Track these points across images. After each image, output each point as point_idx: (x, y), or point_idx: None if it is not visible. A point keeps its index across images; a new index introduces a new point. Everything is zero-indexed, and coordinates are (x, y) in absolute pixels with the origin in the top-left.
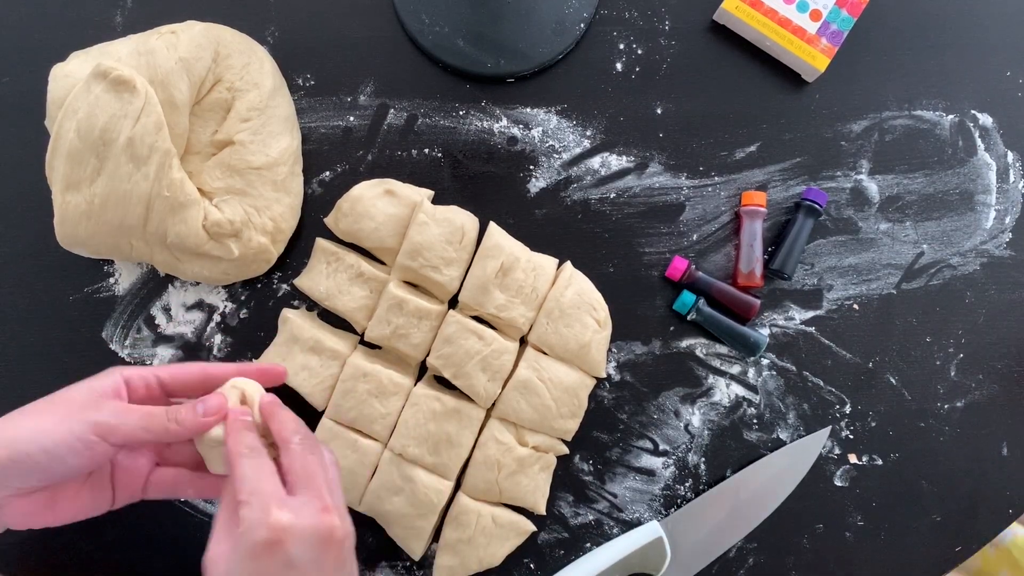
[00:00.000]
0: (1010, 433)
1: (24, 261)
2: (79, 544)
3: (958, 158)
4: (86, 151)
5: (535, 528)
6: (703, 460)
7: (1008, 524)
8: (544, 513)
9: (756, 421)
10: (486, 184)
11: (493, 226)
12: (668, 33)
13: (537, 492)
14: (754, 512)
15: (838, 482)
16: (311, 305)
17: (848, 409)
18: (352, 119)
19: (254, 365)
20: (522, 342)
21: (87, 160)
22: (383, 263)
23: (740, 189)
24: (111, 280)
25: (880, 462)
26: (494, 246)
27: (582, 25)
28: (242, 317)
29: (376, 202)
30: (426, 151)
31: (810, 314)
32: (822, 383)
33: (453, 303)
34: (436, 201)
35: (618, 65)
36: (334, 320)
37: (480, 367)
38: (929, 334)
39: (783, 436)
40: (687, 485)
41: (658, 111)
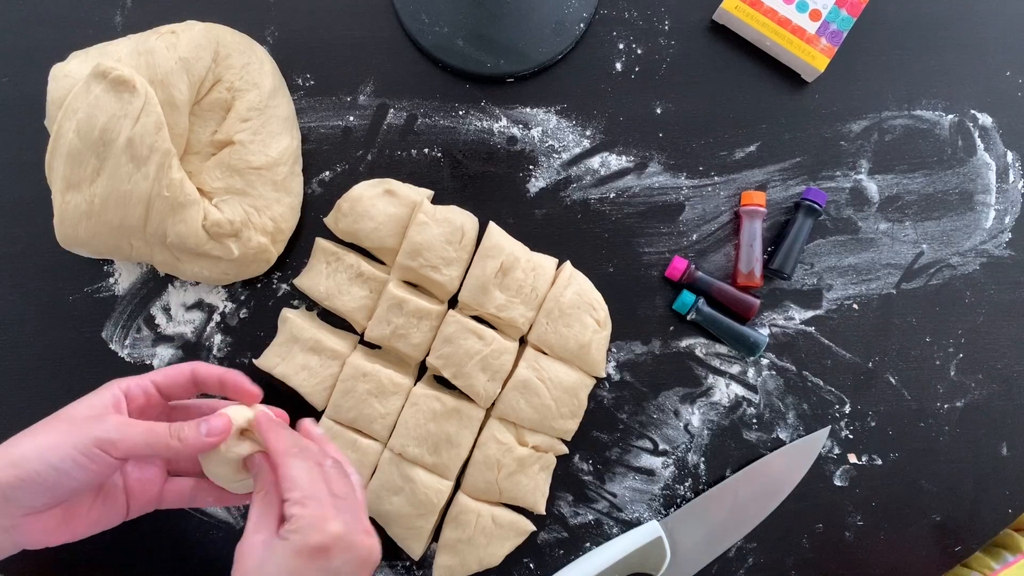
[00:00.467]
0: (1010, 433)
1: (24, 261)
2: (79, 544)
3: (958, 158)
4: (86, 151)
5: (535, 528)
6: (703, 460)
7: (1008, 524)
8: (544, 513)
9: (756, 421)
10: (486, 184)
11: (493, 226)
12: (668, 33)
13: (537, 492)
14: (754, 512)
15: (838, 482)
16: (311, 305)
17: (848, 409)
18: (352, 119)
19: (238, 375)
20: (522, 342)
21: (87, 160)
22: (383, 263)
23: (740, 189)
24: (111, 280)
25: (880, 462)
26: (494, 246)
27: (582, 25)
28: (242, 317)
29: (376, 202)
30: (426, 151)
31: (810, 314)
32: (822, 383)
33: (453, 303)
34: (436, 201)
35: (618, 65)
36: (334, 320)
37: (480, 367)
38: (929, 334)
39: (783, 436)
40: (687, 485)
41: (658, 111)
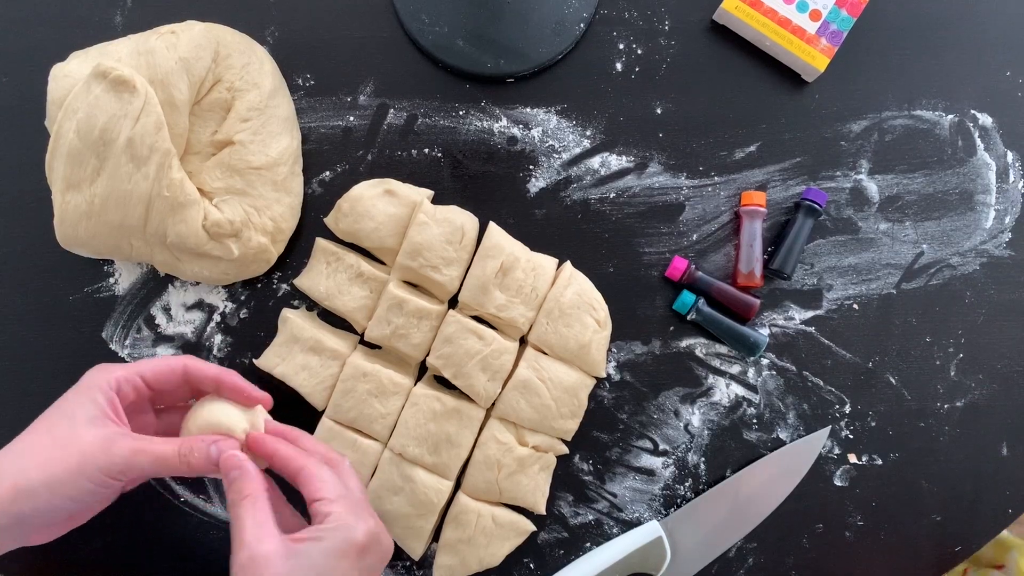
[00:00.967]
0: (1010, 433)
1: (24, 261)
2: (79, 545)
3: (958, 158)
4: (86, 151)
5: (535, 528)
6: (703, 460)
7: (1008, 524)
8: (544, 513)
9: (756, 421)
10: (486, 184)
11: (493, 226)
12: (668, 33)
13: (537, 492)
14: (754, 512)
15: (838, 482)
16: (311, 305)
17: (848, 409)
18: (352, 119)
19: (235, 377)
20: (522, 342)
21: (87, 160)
22: (383, 263)
23: (740, 189)
24: (111, 280)
25: (880, 462)
26: (494, 246)
27: (582, 25)
28: (242, 317)
29: (376, 202)
30: (426, 151)
31: (810, 314)
32: (822, 383)
33: (453, 303)
34: (436, 201)
35: (618, 65)
36: (334, 320)
37: (480, 367)
38: (929, 334)
39: (783, 436)
40: (687, 485)
41: (658, 111)
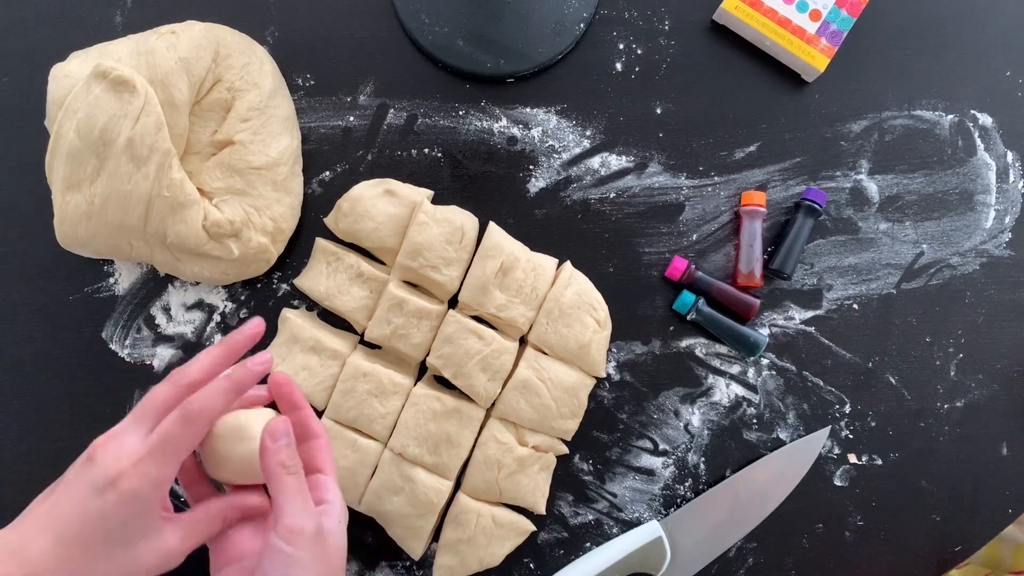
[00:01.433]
0: (1010, 433)
1: (24, 261)
2: None
3: (958, 158)
4: (86, 151)
5: (535, 528)
6: (703, 460)
7: (1008, 524)
8: (544, 513)
9: (756, 421)
10: (486, 184)
11: (493, 226)
12: (668, 33)
13: (537, 492)
14: (754, 512)
15: (838, 482)
16: (311, 305)
17: (848, 409)
18: (352, 119)
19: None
20: (522, 342)
21: (87, 160)
22: (383, 263)
23: (740, 189)
24: (111, 280)
25: (880, 462)
26: (494, 246)
27: (582, 25)
28: (242, 317)
29: (376, 202)
30: (426, 151)
31: (810, 314)
32: (822, 383)
33: (453, 303)
34: (436, 201)
35: (618, 65)
36: (334, 320)
37: (480, 367)
38: (929, 334)
39: (783, 436)
40: (687, 485)
41: (658, 111)
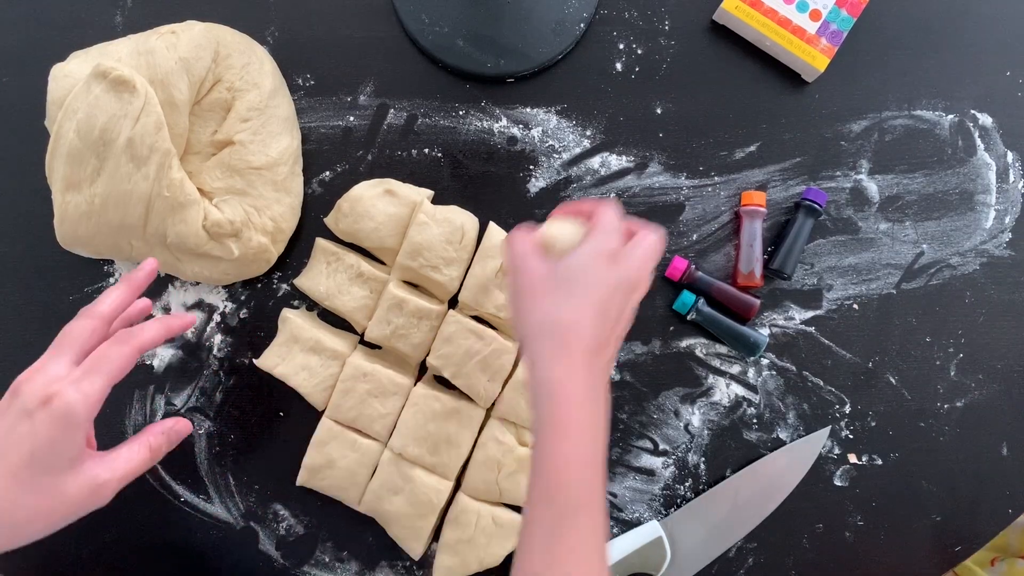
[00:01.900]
0: (1010, 433)
1: (24, 261)
2: (80, 544)
3: (958, 158)
4: (86, 151)
5: None
6: (703, 460)
7: (1008, 524)
8: None
9: (756, 421)
10: (486, 184)
11: (493, 226)
12: (668, 33)
13: None
14: (754, 512)
15: (838, 482)
16: (311, 305)
17: (848, 409)
18: (352, 119)
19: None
20: None
21: (87, 160)
22: (383, 263)
23: (740, 189)
24: (111, 280)
25: (880, 462)
26: (494, 246)
27: (582, 25)
28: (242, 317)
29: (376, 202)
30: (426, 151)
31: (810, 314)
32: (822, 383)
33: (453, 303)
34: (436, 201)
35: (618, 65)
36: (334, 320)
37: (480, 367)
38: (929, 334)
39: (783, 436)
40: (687, 485)
41: (658, 111)
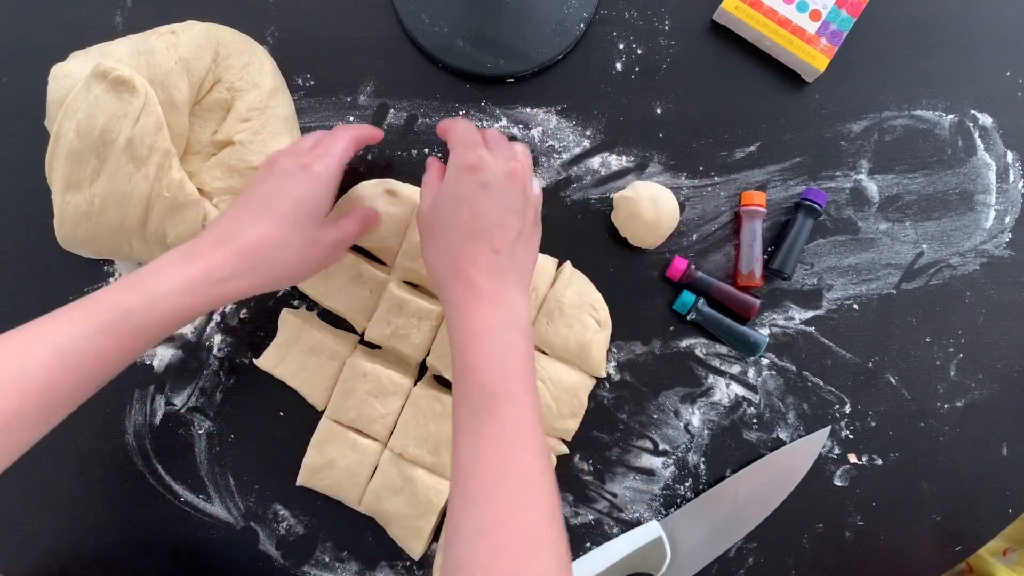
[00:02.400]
0: (1010, 433)
1: (24, 261)
2: (79, 544)
3: (958, 158)
4: (86, 151)
5: None
6: (703, 460)
7: (1008, 524)
8: None
9: (756, 421)
10: None
11: None
12: (668, 33)
13: None
14: (754, 512)
15: (838, 482)
16: (311, 305)
17: (848, 409)
18: (352, 119)
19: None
20: None
21: (87, 160)
22: (383, 263)
23: (740, 189)
24: (111, 280)
25: (880, 462)
26: None
27: (582, 25)
28: (242, 317)
29: (376, 202)
30: (426, 151)
31: (810, 314)
32: (822, 383)
33: None
34: None
35: (618, 65)
36: (334, 320)
37: None
38: (929, 334)
39: (783, 436)
40: (687, 485)
41: (658, 111)
